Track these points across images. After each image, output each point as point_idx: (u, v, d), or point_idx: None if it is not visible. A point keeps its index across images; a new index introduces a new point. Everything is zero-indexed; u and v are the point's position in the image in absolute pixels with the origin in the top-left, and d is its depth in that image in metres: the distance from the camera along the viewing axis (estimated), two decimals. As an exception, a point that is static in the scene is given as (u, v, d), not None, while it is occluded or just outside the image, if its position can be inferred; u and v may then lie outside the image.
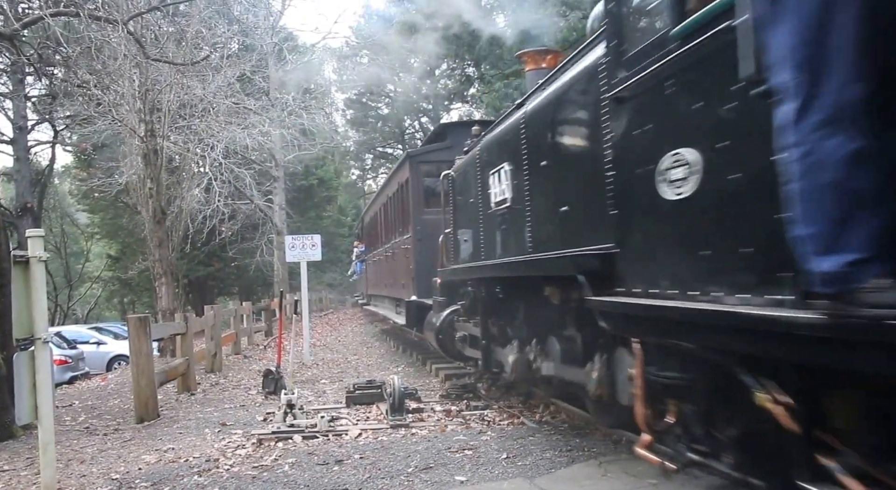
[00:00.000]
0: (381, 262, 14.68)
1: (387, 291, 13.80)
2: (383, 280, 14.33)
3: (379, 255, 15.12)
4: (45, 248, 4.67)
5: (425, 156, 10.76)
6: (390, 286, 12.90)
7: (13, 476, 5.33)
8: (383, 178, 27.48)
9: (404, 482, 4.28)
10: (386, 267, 13.58)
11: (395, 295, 12.18)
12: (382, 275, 14.54)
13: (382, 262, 14.42)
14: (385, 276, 13.89)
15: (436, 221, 8.97)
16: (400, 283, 11.34)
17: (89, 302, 37.09)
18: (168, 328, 10.08)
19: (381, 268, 14.71)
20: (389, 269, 12.91)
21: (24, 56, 11.83)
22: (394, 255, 12.08)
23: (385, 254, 13.67)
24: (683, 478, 3.97)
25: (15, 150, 21.72)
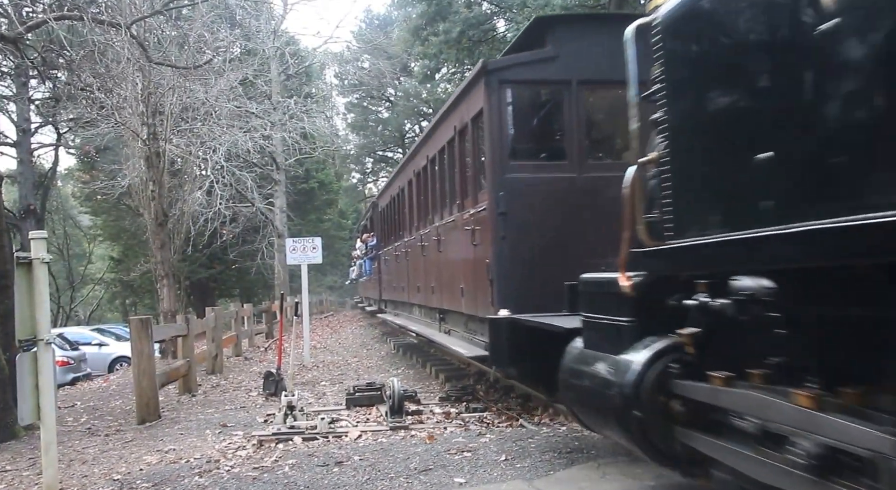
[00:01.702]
0: (410, 257, 10.53)
1: (420, 298, 9.88)
2: (414, 281, 10.32)
3: (405, 248, 11.04)
4: (47, 250, 4.71)
5: (514, 71, 6.24)
6: (429, 291, 9.01)
7: (15, 476, 5.37)
8: (384, 182, 27.45)
9: (403, 484, 4.31)
10: (420, 263, 9.61)
11: (441, 305, 8.37)
12: (412, 274, 10.55)
13: (412, 256, 10.35)
14: (417, 275, 9.97)
15: (533, 183, 5.93)
16: (455, 286, 7.34)
17: (91, 303, 37.13)
18: (169, 330, 10.12)
19: (411, 265, 10.57)
20: (430, 266, 8.90)
21: (28, 59, 11.92)
22: (441, 243, 8.09)
23: (419, 243, 9.56)
24: (681, 479, 4.00)
25: (18, 153, 21.81)
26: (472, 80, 6.62)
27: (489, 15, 23.07)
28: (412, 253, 10.35)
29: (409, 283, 10.84)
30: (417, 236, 9.84)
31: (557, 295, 4.85)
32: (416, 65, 31.11)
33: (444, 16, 22.31)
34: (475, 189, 6.80)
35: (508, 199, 5.84)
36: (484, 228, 6.17)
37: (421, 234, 9.55)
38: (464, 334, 7.29)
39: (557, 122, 6.39)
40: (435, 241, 8.37)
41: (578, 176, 5.98)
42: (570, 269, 4.54)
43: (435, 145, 8.68)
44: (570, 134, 6.12)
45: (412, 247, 10.34)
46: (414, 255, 10.18)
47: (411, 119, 42.34)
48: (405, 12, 35.82)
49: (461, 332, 7.46)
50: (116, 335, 18.83)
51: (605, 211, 5.07)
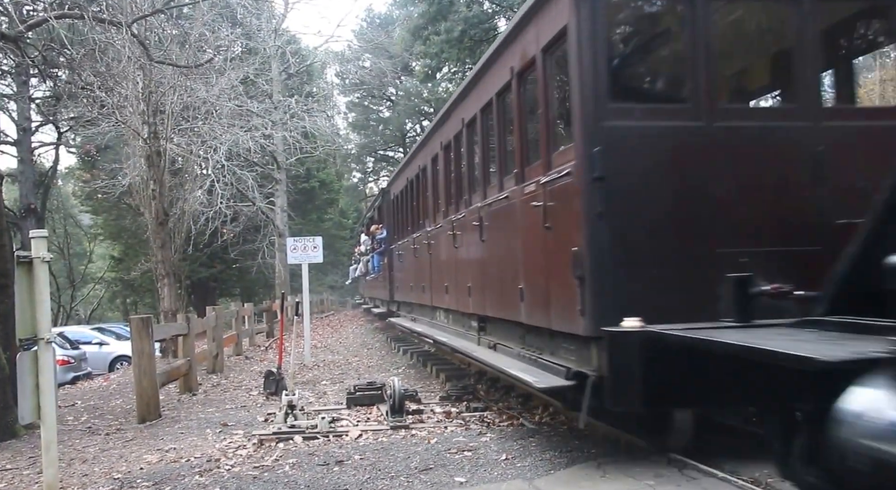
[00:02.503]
0: (435, 250, 8.73)
1: (449, 301, 8.08)
2: (439, 280, 8.45)
3: (427, 240, 9.17)
4: (48, 249, 4.71)
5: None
6: (461, 292, 7.19)
7: (16, 475, 5.37)
8: (384, 182, 27.33)
9: (404, 483, 4.31)
10: (449, 258, 7.76)
11: (481, 310, 6.64)
12: (436, 272, 8.68)
13: (438, 249, 8.56)
14: (445, 273, 8.12)
15: (644, 135, 4.24)
16: (508, 286, 5.63)
17: (92, 303, 37.16)
18: (170, 329, 10.12)
19: (435, 260, 8.73)
20: (465, 261, 7.13)
21: (29, 58, 11.92)
22: (485, 230, 6.28)
23: (448, 232, 7.64)
24: (680, 478, 4.00)
25: (19, 152, 21.83)
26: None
27: (490, 14, 23.08)
28: (438, 245, 8.50)
29: (433, 283, 8.96)
30: (446, 224, 7.90)
31: (691, 296, 3.75)
32: (417, 64, 31.09)
33: (445, 15, 22.32)
34: (549, 149, 4.82)
35: (608, 158, 3.98)
36: (565, 203, 4.33)
37: (452, 221, 7.61)
38: (521, 352, 5.36)
39: (676, 49, 4.66)
40: (475, 227, 6.47)
41: (707, 124, 4.23)
42: (698, 260, 3.66)
43: (474, 103, 6.71)
44: (695, 65, 4.26)
45: (438, 238, 8.46)
46: (440, 247, 8.34)
47: (412, 118, 42.36)
48: (406, 11, 35.83)
49: (515, 349, 5.53)
50: (117, 334, 18.85)
51: (750, 174, 3.96)
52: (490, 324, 6.57)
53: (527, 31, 5.12)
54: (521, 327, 5.48)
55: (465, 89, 7.30)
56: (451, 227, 7.73)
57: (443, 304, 8.60)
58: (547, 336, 4.91)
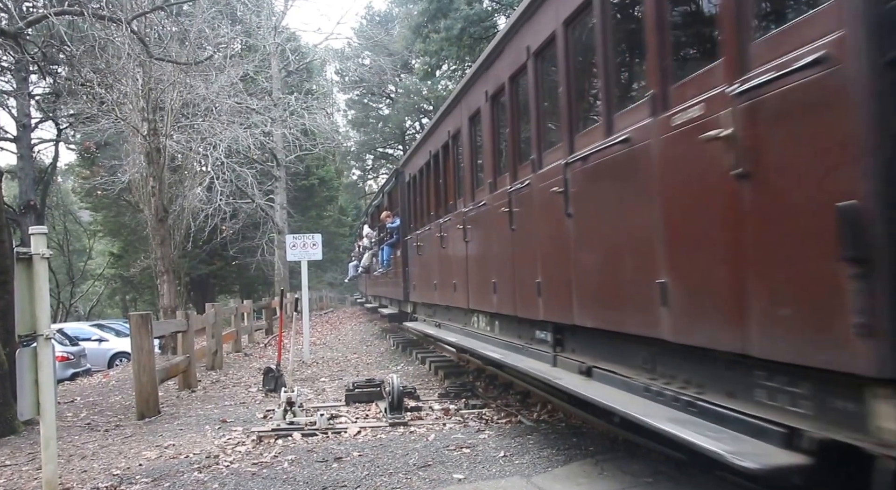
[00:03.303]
0: (475, 238, 6.74)
1: (495, 304, 6.09)
2: (480, 276, 6.55)
3: (461, 224, 7.10)
4: (47, 246, 4.71)
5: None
6: (520, 292, 5.40)
7: (15, 471, 5.38)
8: (383, 179, 27.16)
9: (402, 479, 4.32)
10: (502, 245, 5.85)
11: (558, 317, 4.75)
12: (475, 266, 6.77)
13: (478, 235, 6.65)
14: (490, 266, 6.22)
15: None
16: (627, 282, 3.69)
17: (91, 299, 37.20)
18: (169, 326, 10.13)
19: (473, 251, 6.81)
20: (525, 249, 5.27)
21: (29, 54, 11.91)
22: (578, 195, 4.26)
23: (502, 209, 5.63)
24: (679, 476, 4.01)
25: (19, 148, 21.82)
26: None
27: (490, 12, 23.06)
28: (479, 230, 6.53)
29: (471, 279, 6.88)
30: (495, 200, 5.86)
31: None
32: (416, 62, 31.09)
33: (445, 13, 22.31)
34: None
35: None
36: (810, 120, 2.31)
37: (508, 194, 5.43)
38: (649, 386, 3.50)
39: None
40: (550, 197, 4.49)
41: None
42: None
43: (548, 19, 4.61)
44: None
45: (480, 221, 6.43)
46: (484, 232, 6.36)
47: (412, 116, 42.37)
48: (406, 9, 35.80)
49: (635, 380, 3.65)
50: (116, 331, 18.88)
51: None
52: (575, 337, 4.57)
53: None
54: (650, 346, 3.48)
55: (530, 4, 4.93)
56: (504, 203, 5.52)
57: (485, 306, 6.43)
58: (721, 365, 2.93)
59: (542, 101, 5.07)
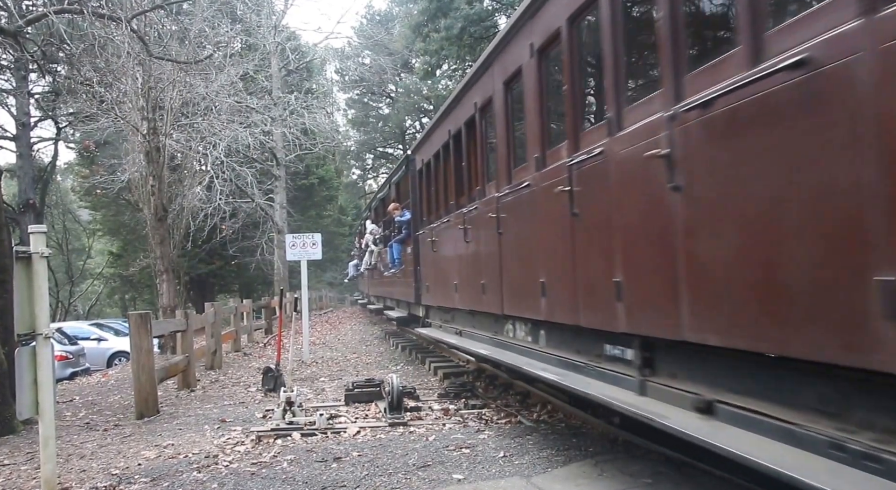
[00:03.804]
0: (511, 229, 5.60)
1: (551, 309, 4.74)
2: (522, 276, 5.36)
3: (494, 213, 5.89)
4: (47, 245, 4.70)
5: None
6: (597, 296, 4.03)
7: (13, 470, 5.37)
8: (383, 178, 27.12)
9: (402, 479, 4.31)
10: (554, 237, 4.60)
11: (647, 329, 3.48)
12: (512, 263, 5.63)
13: (515, 226, 5.52)
14: (544, 262, 4.85)
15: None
16: (794, 283, 2.44)
17: (90, 298, 37.18)
18: (169, 325, 10.12)
19: (509, 245, 5.68)
20: (623, 235, 3.68)
21: (28, 53, 11.89)
22: (692, 161, 2.98)
23: (563, 187, 4.30)
24: (678, 477, 4.01)
25: (18, 147, 21.80)
26: None
27: (490, 11, 23.06)
28: (517, 219, 5.35)
29: (507, 279, 5.67)
30: (545, 179, 4.69)
31: None
32: (417, 61, 31.09)
33: (445, 12, 22.31)
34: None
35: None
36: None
37: (571, 168, 4.23)
38: (869, 446, 2.16)
39: None
40: (648, 163, 3.30)
41: None
42: None
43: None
44: None
45: (519, 207, 5.26)
46: (524, 222, 5.20)
47: (412, 115, 42.37)
48: (406, 8, 35.80)
49: (820, 429, 2.41)
50: (115, 330, 18.86)
51: None
52: (677, 357, 3.38)
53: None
54: (835, 379, 2.39)
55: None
56: (560, 181, 4.33)
57: (527, 312, 5.21)
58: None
59: (628, 38, 3.73)
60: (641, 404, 3.42)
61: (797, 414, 2.53)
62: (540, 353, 5.19)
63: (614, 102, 3.78)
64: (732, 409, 2.84)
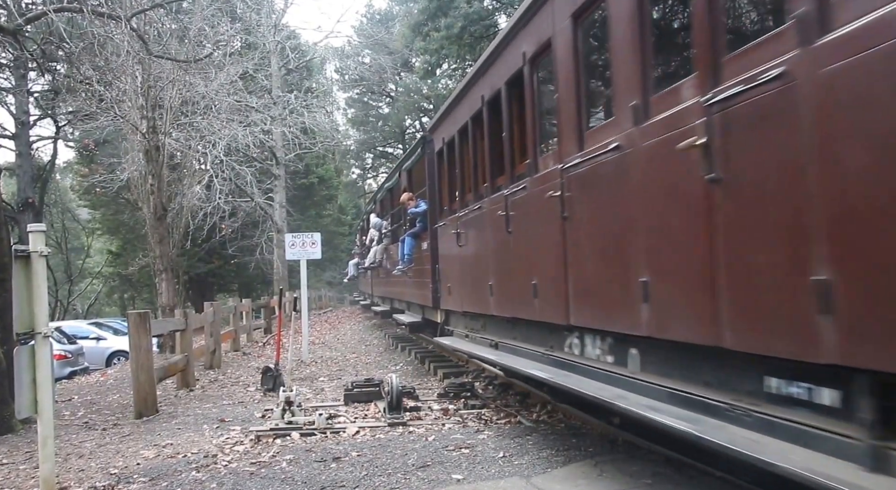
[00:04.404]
0: (587, 210, 4.16)
1: (709, 327, 2.89)
2: (617, 271, 3.78)
3: (561, 187, 4.41)
4: (46, 244, 4.69)
5: None
6: (787, 302, 2.42)
7: (12, 469, 5.36)
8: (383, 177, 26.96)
9: (401, 480, 4.30)
10: (694, 211, 2.98)
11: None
12: (587, 256, 4.18)
13: (600, 205, 3.99)
14: (663, 253, 3.31)
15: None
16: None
17: (89, 297, 37.14)
18: (168, 324, 10.11)
19: (587, 229, 4.17)
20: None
21: (27, 51, 11.88)
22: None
23: (717, 139, 2.77)
24: (679, 477, 4.00)
25: (17, 146, 21.78)
26: None
27: (491, 10, 23.05)
28: (592, 199, 4.13)
29: (573, 279, 4.43)
30: (644, 136, 3.44)
31: None
32: (417, 60, 31.08)
33: (445, 11, 22.30)
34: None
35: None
36: None
37: (713, 111, 2.81)
38: None
39: None
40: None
41: None
42: None
43: None
44: None
45: (594, 181, 4.06)
46: (605, 201, 3.96)
47: (412, 115, 42.34)
48: (406, 7, 35.79)
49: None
50: (114, 329, 18.84)
51: None
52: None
53: None
54: None
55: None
56: (692, 131, 2.98)
57: (612, 323, 3.95)
58: None
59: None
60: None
61: None
62: (633, 382, 3.71)
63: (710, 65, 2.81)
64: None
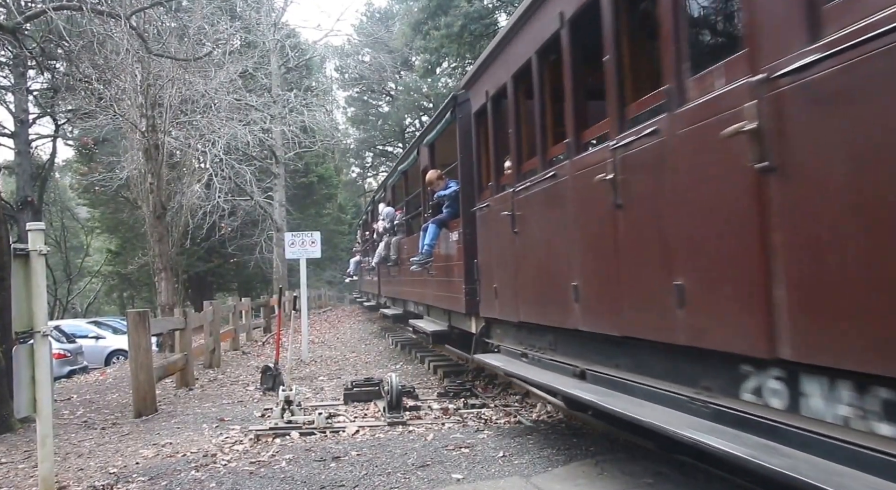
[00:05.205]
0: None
1: None
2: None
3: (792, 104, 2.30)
4: (45, 242, 4.68)
5: None
6: None
7: (11, 469, 5.35)
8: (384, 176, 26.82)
9: (401, 479, 4.29)
10: None
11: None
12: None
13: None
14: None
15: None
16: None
17: (89, 296, 37.12)
18: (167, 323, 10.09)
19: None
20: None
21: (27, 50, 11.86)
22: None
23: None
24: (679, 477, 3.99)
25: (16, 144, 21.75)
26: None
27: (491, 9, 23.03)
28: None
29: (773, 276, 2.45)
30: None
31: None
32: (417, 59, 31.05)
33: (445, 10, 22.28)
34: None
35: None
36: None
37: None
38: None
39: None
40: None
41: None
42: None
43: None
44: None
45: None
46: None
47: (412, 113, 42.31)
48: (406, 6, 35.74)
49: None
50: (113, 328, 18.83)
51: None
52: None
53: None
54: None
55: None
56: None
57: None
58: None
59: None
60: None
61: None
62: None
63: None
64: None
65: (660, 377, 3.49)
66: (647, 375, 3.61)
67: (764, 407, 2.69)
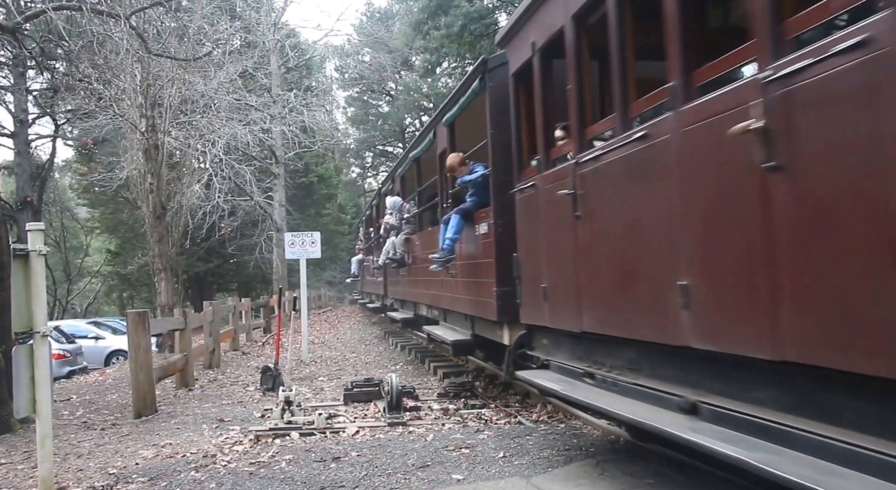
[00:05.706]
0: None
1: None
2: None
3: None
4: (44, 242, 4.67)
5: None
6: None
7: (10, 469, 5.34)
8: (384, 175, 26.62)
9: (401, 480, 4.28)
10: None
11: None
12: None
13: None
14: None
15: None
16: None
17: (88, 296, 37.10)
18: (167, 324, 10.08)
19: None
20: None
21: (26, 49, 11.85)
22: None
23: None
24: (680, 477, 3.98)
25: (16, 144, 21.74)
26: None
27: (491, 9, 23.02)
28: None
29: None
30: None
31: None
32: (417, 59, 31.05)
33: (445, 10, 22.28)
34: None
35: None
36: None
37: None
38: None
39: None
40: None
41: None
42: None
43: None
44: None
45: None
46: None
47: (412, 113, 42.32)
48: (406, 6, 35.75)
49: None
50: (113, 328, 18.82)
51: None
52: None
53: None
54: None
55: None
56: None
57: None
58: None
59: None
60: None
61: None
62: None
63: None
64: None
65: (854, 427, 2.21)
66: (829, 423, 2.30)
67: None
